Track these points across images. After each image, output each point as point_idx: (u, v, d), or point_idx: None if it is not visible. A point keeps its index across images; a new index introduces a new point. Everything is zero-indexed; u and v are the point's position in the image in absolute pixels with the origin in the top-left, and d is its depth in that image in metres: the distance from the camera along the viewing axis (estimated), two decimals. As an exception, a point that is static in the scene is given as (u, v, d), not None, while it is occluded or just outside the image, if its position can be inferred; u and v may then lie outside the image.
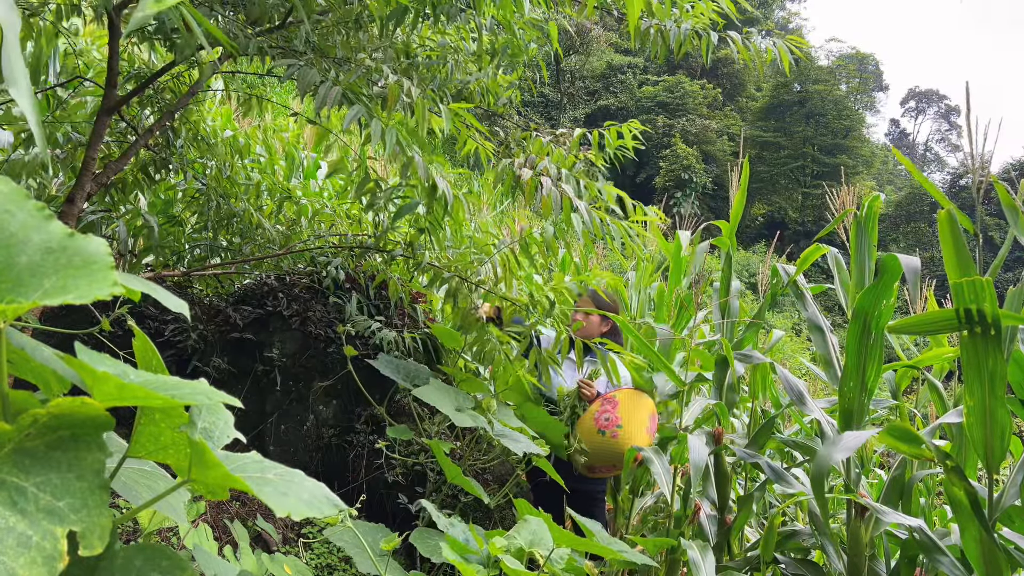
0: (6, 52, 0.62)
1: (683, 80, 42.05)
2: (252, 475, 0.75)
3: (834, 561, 2.51)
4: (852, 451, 2.24)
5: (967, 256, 2.05)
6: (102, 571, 0.64)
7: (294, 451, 2.96)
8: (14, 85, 0.62)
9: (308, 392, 2.98)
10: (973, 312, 1.89)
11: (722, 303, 3.23)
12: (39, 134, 0.67)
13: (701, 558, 2.43)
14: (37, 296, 0.60)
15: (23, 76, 0.63)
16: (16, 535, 0.52)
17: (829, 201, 2.92)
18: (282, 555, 1.79)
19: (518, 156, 2.53)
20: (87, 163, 2.17)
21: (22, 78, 0.63)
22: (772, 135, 43.33)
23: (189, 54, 1.90)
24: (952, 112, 65.21)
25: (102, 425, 0.61)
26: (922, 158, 64.66)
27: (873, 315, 2.35)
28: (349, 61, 2.19)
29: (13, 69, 0.62)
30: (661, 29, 2.53)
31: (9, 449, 0.57)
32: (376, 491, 2.89)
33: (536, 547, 1.53)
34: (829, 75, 45.86)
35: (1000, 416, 1.95)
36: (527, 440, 2.47)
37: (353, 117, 1.96)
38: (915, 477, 2.60)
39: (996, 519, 2.05)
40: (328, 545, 2.50)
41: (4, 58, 0.62)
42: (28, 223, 0.63)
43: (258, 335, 2.95)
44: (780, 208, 41.57)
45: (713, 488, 2.98)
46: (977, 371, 1.95)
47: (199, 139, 3.06)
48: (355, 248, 2.96)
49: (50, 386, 0.73)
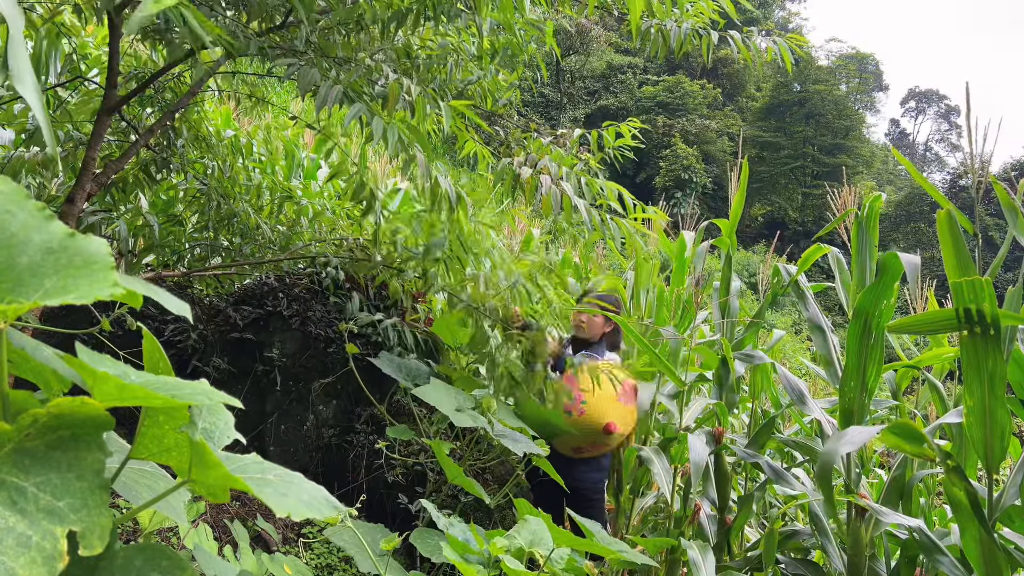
0: (11, 49, 0.62)
1: (683, 80, 42.05)
2: (252, 476, 0.75)
3: (834, 561, 2.51)
4: (857, 446, 2.23)
5: (967, 256, 2.05)
6: (102, 571, 0.64)
7: (294, 451, 2.96)
8: (20, 82, 0.62)
9: (308, 392, 2.98)
10: (973, 312, 1.89)
11: (722, 303, 3.23)
12: (47, 130, 0.67)
13: (701, 558, 2.42)
14: (38, 296, 0.60)
15: (29, 73, 0.63)
16: (16, 535, 0.52)
17: (830, 201, 2.92)
18: (282, 555, 1.79)
19: (518, 155, 2.53)
20: (87, 163, 2.17)
21: (28, 75, 0.63)
22: (772, 135, 43.32)
23: (182, 54, 1.90)
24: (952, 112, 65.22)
25: (102, 425, 0.61)
26: (922, 158, 64.67)
27: (874, 315, 2.35)
28: (350, 61, 2.19)
29: (19, 66, 0.62)
30: (662, 29, 2.53)
31: (9, 449, 0.57)
32: (376, 491, 2.89)
33: (536, 547, 1.53)
34: (829, 75, 45.86)
35: (1000, 416, 1.95)
36: (527, 440, 2.47)
37: (354, 115, 1.96)
38: (915, 477, 2.60)
39: (996, 519, 2.05)
40: (328, 545, 2.50)
41: (10, 55, 0.62)
42: (29, 223, 0.63)
43: (258, 335, 2.95)
44: (780, 208, 41.56)
45: (713, 488, 2.97)
46: (977, 371, 1.95)
47: (200, 139, 3.06)
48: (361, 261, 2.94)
49: (50, 386, 0.73)
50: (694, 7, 2.52)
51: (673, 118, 39.70)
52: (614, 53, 43.04)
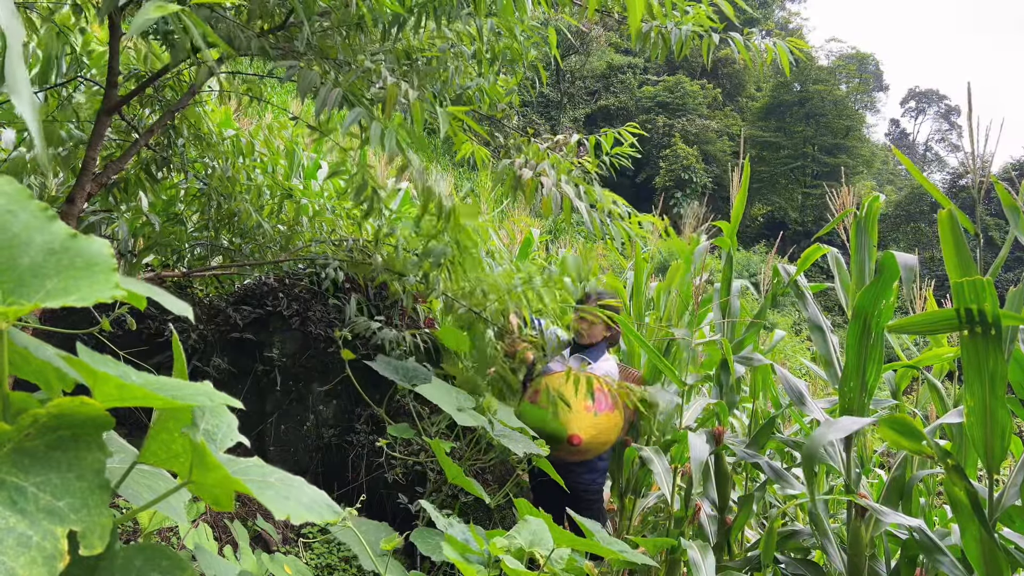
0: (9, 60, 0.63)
1: (683, 80, 42.03)
2: (253, 479, 0.75)
3: (834, 561, 2.50)
4: (845, 434, 2.24)
5: (968, 256, 2.05)
6: (102, 571, 0.64)
7: (294, 451, 2.96)
8: (16, 94, 0.62)
9: (308, 392, 2.98)
10: (974, 312, 1.89)
11: (723, 303, 3.23)
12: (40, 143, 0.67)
13: (701, 558, 2.43)
14: (39, 297, 0.60)
15: (25, 85, 0.63)
16: (16, 535, 0.52)
17: (830, 201, 2.92)
18: (282, 555, 1.79)
19: (518, 157, 2.53)
20: (88, 163, 2.17)
21: (24, 87, 0.63)
22: (772, 135, 43.30)
23: (185, 56, 1.90)
24: (952, 112, 65.17)
25: (102, 425, 0.61)
26: (922, 158, 64.64)
27: (873, 315, 2.35)
28: (350, 63, 2.19)
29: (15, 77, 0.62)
30: (661, 31, 2.54)
31: (9, 449, 0.57)
32: (376, 491, 2.89)
33: (536, 547, 1.53)
34: (829, 75, 45.82)
35: (1000, 416, 1.95)
36: (527, 440, 2.47)
37: (353, 119, 1.96)
38: (915, 477, 2.60)
39: (996, 519, 2.05)
40: (328, 545, 2.50)
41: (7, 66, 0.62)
42: (31, 224, 0.63)
43: (258, 335, 2.95)
44: (780, 208, 41.54)
45: (713, 488, 2.98)
46: (977, 371, 1.95)
47: (200, 138, 3.06)
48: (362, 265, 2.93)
49: (51, 386, 0.73)
50: (694, 10, 2.52)
51: (673, 118, 39.67)
52: (614, 53, 43.02)
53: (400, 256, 2.50)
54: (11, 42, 0.64)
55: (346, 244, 3.00)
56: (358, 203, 2.57)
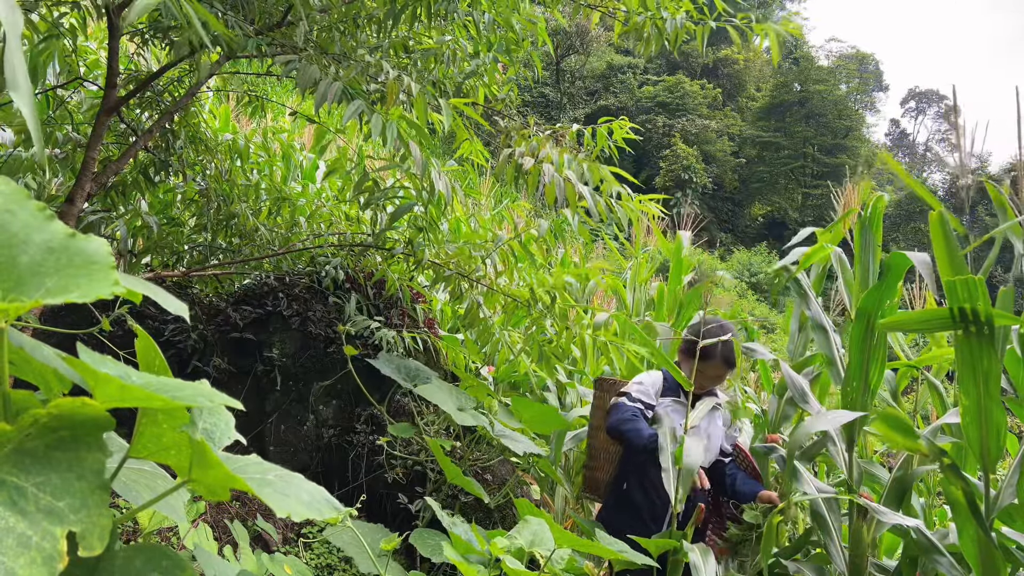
0: (8, 55, 0.62)
1: (683, 80, 42.03)
2: (253, 476, 0.75)
3: (836, 561, 2.50)
4: (834, 426, 2.23)
5: (959, 255, 2.07)
6: (102, 571, 0.64)
7: (294, 451, 2.95)
8: (15, 89, 0.62)
9: (308, 392, 2.98)
10: (967, 311, 1.89)
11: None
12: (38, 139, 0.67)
13: (702, 559, 2.42)
14: (39, 295, 0.60)
15: (24, 80, 0.63)
16: (16, 535, 0.51)
17: (834, 201, 2.92)
18: (282, 555, 1.79)
19: (519, 144, 2.50)
20: (87, 163, 2.17)
21: (23, 82, 0.63)
22: (772, 135, 43.32)
23: (187, 52, 1.89)
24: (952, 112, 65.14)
25: (102, 426, 0.61)
26: (922, 158, 64.65)
27: (877, 315, 2.35)
28: (348, 58, 2.19)
29: (15, 73, 0.62)
30: (656, 21, 2.54)
31: (9, 449, 0.57)
32: (376, 491, 2.89)
33: (537, 547, 1.53)
34: (829, 75, 45.84)
35: (996, 415, 1.95)
36: (527, 440, 2.47)
37: (353, 112, 1.96)
38: (914, 474, 2.60)
39: (993, 518, 2.06)
40: (328, 545, 2.50)
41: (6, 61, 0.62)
42: (30, 223, 0.63)
43: (258, 335, 2.94)
44: (780, 208, 41.56)
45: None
46: (972, 371, 1.95)
47: (198, 140, 3.06)
48: (355, 247, 2.95)
49: (50, 386, 0.73)
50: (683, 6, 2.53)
51: (673, 118, 39.69)
52: (614, 53, 43.03)
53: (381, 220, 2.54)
54: (10, 36, 0.64)
55: (344, 238, 3.01)
56: (357, 195, 2.58)
